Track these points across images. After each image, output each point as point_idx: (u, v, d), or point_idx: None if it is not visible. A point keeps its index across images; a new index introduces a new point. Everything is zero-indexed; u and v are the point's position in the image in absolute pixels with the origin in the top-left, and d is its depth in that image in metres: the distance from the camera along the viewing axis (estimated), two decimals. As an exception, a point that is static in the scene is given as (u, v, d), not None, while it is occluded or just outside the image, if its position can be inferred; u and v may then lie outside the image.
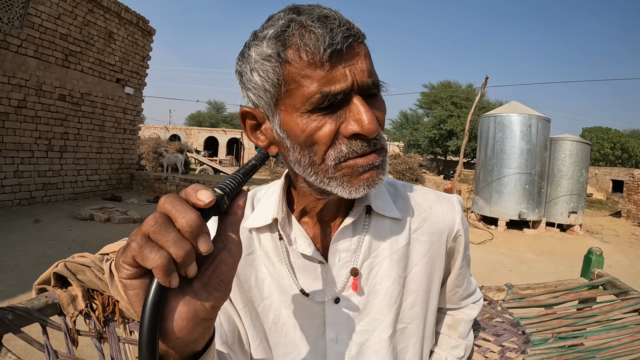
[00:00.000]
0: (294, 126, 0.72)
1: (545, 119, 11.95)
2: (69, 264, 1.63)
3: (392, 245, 0.90)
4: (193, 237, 0.45)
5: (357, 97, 0.70)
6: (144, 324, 0.45)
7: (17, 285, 4.87)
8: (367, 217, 0.89)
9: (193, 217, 0.45)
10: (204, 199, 0.47)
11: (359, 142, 0.72)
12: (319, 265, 0.88)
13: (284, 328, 0.91)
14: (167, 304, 0.49)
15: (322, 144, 0.71)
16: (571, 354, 2.01)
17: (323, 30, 0.67)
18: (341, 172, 0.73)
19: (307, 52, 0.67)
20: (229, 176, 0.57)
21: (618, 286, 2.34)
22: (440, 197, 1.00)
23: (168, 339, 0.50)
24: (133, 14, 12.81)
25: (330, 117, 0.71)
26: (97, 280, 1.61)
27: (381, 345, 0.90)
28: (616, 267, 8.04)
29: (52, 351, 1.44)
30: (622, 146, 46.67)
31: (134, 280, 0.47)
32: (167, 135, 35.53)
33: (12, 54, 9.18)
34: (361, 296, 0.89)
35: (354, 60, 0.69)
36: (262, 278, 0.91)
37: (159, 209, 0.47)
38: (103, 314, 1.61)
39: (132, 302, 0.48)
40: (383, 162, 0.76)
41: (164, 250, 0.44)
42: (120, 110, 13.07)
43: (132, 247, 0.45)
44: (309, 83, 0.68)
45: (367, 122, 0.69)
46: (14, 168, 9.68)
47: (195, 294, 0.50)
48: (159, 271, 0.44)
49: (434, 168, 41.99)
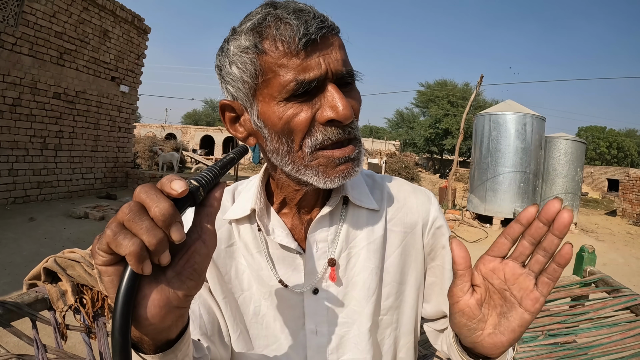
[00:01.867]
0: (271, 115, 0.74)
1: (540, 117, 12.00)
2: (58, 259, 1.64)
3: (369, 235, 0.90)
4: (166, 226, 0.46)
5: (332, 84, 0.73)
6: (117, 309, 0.46)
7: (10, 283, 4.87)
8: (344, 207, 0.90)
9: (166, 206, 0.46)
10: (177, 188, 0.48)
11: (334, 128, 0.73)
12: (297, 256, 0.88)
13: (265, 320, 0.91)
14: (140, 291, 0.50)
15: (298, 131, 0.73)
16: (561, 351, 2.02)
17: (298, 22, 0.69)
18: (317, 162, 0.75)
19: (283, 42, 0.70)
20: (206, 168, 0.58)
21: (610, 284, 2.35)
22: (415, 189, 1.01)
23: (141, 325, 0.51)
24: (128, 12, 12.77)
25: (306, 105, 0.73)
26: (86, 276, 1.61)
27: (361, 337, 0.90)
28: (610, 266, 8.08)
29: (42, 345, 1.45)
30: (618, 145, 46.89)
31: (109, 267, 0.48)
32: (163, 134, 35.47)
33: (6, 52, 9.14)
34: (339, 287, 0.89)
35: (328, 49, 0.72)
36: (242, 270, 0.92)
37: (135, 198, 0.48)
38: (92, 308, 1.62)
39: (107, 288, 0.49)
40: (359, 154, 0.78)
41: (137, 237, 0.45)
42: (115, 108, 13.02)
43: (106, 234, 0.46)
44: (285, 72, 0.70)
45: (341, 107, 0.71)
46: (9, 166, 9.64)
47: (168, 282, 0.51)
48: (132, 258, 0.45)
49: (430, 167, 42.07)
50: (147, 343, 0.56)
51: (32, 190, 10.31)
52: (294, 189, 0.85)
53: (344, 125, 0.74)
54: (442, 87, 42.38)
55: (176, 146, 24.44)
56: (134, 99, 13.85)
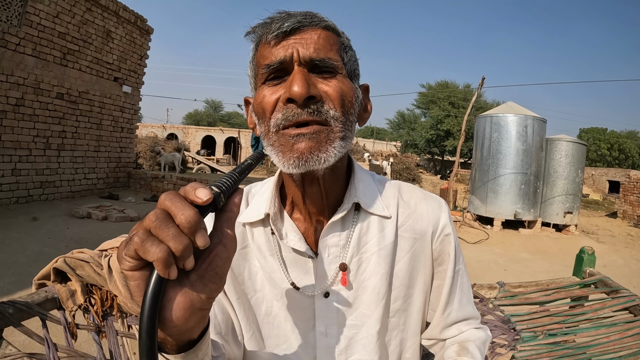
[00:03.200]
0: (254, 100, 0.84)
1: (541, 119, 12.00)
2: (68, 259, 1.66)
3: (380, 241, 0.92)
4: (191, 233, 0.49)
5: (298, 67, 0.77)
6: (144, 312, 0.48)
7: (15, 282, 4.87)
8: (356, 213, 0.92)
9: (191, 214, 0.48)
10: (202, 196, 0.51)
11: (292, 106, 0.76)
12: (309, 260, 0.91)
13: (276, 320, 0.94)
14: (165, 294, 0.52)
15: (267, 111, 0.79)
16: (560, 350, 2.05)
17: (279, 21, 0.79)
18: (278, 141, 0.79)
19: (264, 37, 0.80)
20: (226, 174, 0.60)
21: (609, 285, 2.38)
22: (426, 196, 1.02)
23: (166, 327, 0.54)
24: (131, 13, 12.79)
25: (277, 87, 0.80)
26: (95, 276, 1.64)
27: (369, 340, 0.92)
28: (611, 267, 8.08)
29: (52, 344, 1.47)
30: (619, 147, 46.77)
31: (135, 272, 0.50)
32: (165, 134, 35.34)
33: (10, 52, 9.17)
34: (350, 291, 0.91)
35: (300, 38, 0.78)
36: (255, 271, 0.94)
37: (160, 205, 0.50)
38: (101, 308, 1.64)
39: (133, 292, 0.51)
40: (320, 138, 0.77)
41: (164, 244, 0.48)
42: (118, 109, 13.05)
43: (134, 241, 0.48)
44: (262, 60, 0.80)
45: (295, 86, 0.74)
46: (12, 166, 9.67)
47: (191, 285, 0.53)
48: (159, 264, 0.47)
49: (431, 168, 41.98)
50: (170, 344, 0.59)
51: (34, 190, 10.33)
52: (294, 185, 0.88)
53: (304, 105, 0.76)
54: (443, 88, 42.24)
55: (178, 146, 24.45)
56: (136, 99, 13.86)
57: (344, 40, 0.84)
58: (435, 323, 1.01)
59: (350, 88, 0.82)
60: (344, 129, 0.80)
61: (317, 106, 0.76)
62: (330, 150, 0.78)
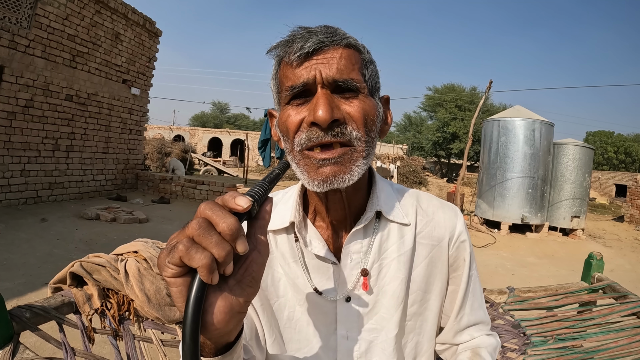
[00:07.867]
0: (280, 117, 0.86)
1: (549, 123, 11.95)
2: (84, 263, 1.68)
3: (400, 248, 0.95)
4: (232, 239, 0.51)
5: (321, 90, 0.79)
6: (187, 317, 0.50)
7: (25, 284, 4.91)
8: (377, 221, 0.96)
9: (232, 222, 0.51)
10: (243, 204, 0.53)
11: (316, 129, 0.79)
12: (331, 266, 0.94)
13: (298, 324, 0.97)
14: (207, 299, 0.55)
15: (290, 131, 0.82)
16: (569, 354, 2.06)
17: (300, 40, 0.80)
18: (303, 161, 0.82)
19: (286, 57, 0.82)
20: (257, 184, 0.63)
21: (617, 290, 2.39)
22: (443, 204, 1.05)
23: (207, 331, 0.56)
24: (140, 16, 12.88)
25: (301, 108, 0.82)
26: (112, 280, 1.66)
27: (388, 343, 0.95)
28: (618, 272, 8.03)
29: (70, 348, 1.49)
30: (626, 150, 46.48)
31: (178, 278, 0.52)
32: (171, 136, 35.47)
33: (20, 54, 9.26)
34: (370, 295, 0.95)
35: (322, 58, 0.80)
36: (278, 277, 0.98)
37: (200, 214, 0.53)
38: (118, 312, 1.66)
39: (175, 298, 0.54)
40: (344, 160, 0.80)
41: (208, 251, 0.50)
42: (126, 110, 13.13)
43: (179, 249, 0.50)
44: (286, 81, 0.82)
45: (319, 111, 0.77)
46: (21, 167, 9.75)
47: (230, 290, 0.56)
48: (204, 270, 0.50)
49: (437, 171, 41.87)
50: (209, 347, 0.61)
51: (43, 191, 10.42)
52: (317, 197, 0.92)
53: (328, 129, 0.78)
54: (450, 91, 42.21)
55: (185, 148, 24.51)
56: (144, 101, 13.95)
57: (365, 56, 0.85)
58: (448, 327, 1.04)
59: (372, 107, 0.84)
60: (367, 147, 0.83)
61: (341, 128, 0.79)
62: (354, 170, 0.81)
